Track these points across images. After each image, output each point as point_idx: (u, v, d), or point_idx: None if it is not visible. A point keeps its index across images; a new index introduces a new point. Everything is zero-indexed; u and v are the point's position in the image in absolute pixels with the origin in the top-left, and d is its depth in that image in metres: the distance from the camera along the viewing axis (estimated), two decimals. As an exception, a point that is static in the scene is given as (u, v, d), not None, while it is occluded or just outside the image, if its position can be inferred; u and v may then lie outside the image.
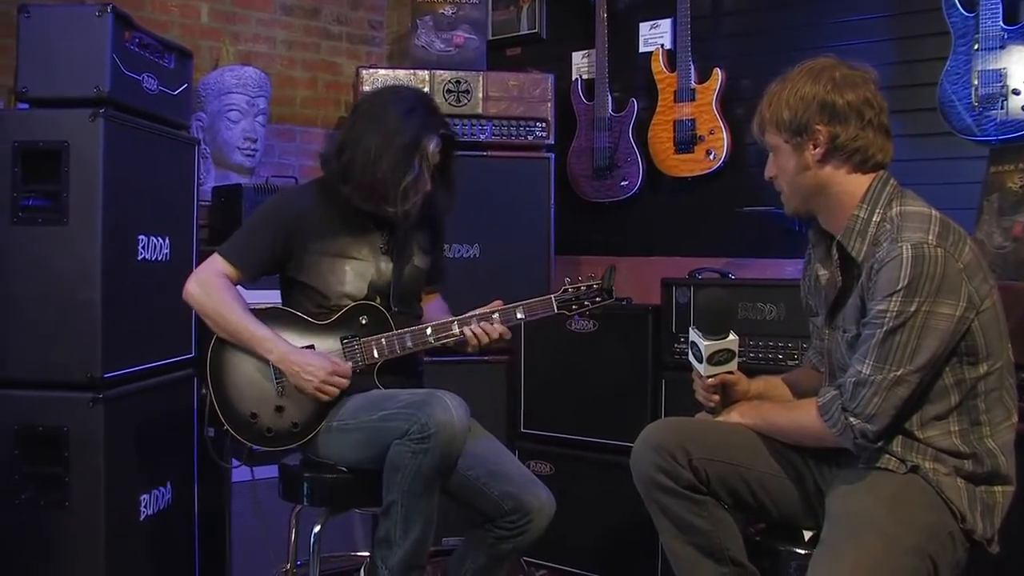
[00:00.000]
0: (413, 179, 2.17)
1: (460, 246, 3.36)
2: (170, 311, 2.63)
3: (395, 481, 2.02)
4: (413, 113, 2.17)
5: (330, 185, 2.23)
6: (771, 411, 1.91)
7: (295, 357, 2.16)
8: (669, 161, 3.51)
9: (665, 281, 2.95)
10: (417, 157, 2.17)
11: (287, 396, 2.20)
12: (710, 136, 3.40)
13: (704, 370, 1.91)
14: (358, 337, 2.22)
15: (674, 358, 2.91)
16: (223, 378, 2.20)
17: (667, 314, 2.93)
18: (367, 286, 2.25)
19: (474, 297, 2.36)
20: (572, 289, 2.23)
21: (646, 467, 1.86)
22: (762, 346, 2.73)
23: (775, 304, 2.73)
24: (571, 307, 2.23)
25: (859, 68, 1.82)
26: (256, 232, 2.25)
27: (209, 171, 3.48)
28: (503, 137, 3.44)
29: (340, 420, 2.18)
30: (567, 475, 3.09)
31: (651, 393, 2.95)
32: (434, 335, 2.22)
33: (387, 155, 2.13)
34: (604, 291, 2.24)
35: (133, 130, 2.48)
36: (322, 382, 2.14)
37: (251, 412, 2.19)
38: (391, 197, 2.17)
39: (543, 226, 3.44)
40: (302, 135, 3.99)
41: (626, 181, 3.61)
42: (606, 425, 3.04)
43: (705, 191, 3.49)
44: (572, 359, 3.13)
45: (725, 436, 1.90)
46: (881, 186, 1.80)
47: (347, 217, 2.23)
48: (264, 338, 2.16)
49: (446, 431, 1.97)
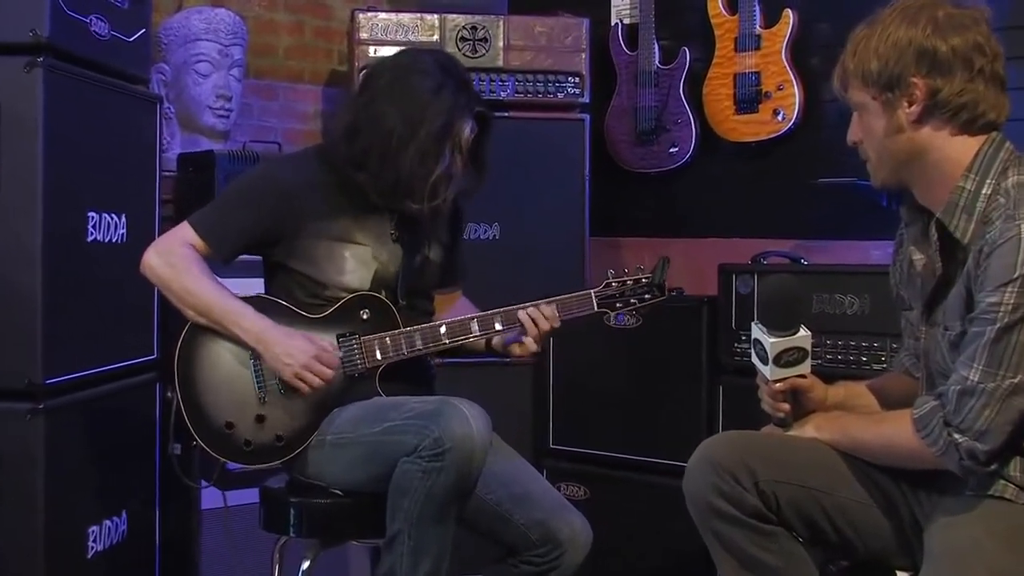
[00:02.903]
0: (444, 171, 2.17)
1: (476, 226, 3.34)
2: (127, 303, 2.60)
3: (402, 507, 2.00)
4: (442, 91, 2.15)
5: (331, 155, 2.23)
6: (855, 424, 1.89)
7: (274, 335, 2.15)
8: (728, 123, 3.50)
9: (723, 268, 2.94)
10: (449, 145, 2.17)
11: (271, 402, 2.19)
12: (778, 92, 3.39)
13: (771, 373, 1.89)
14: (357, 335, 2.21)
15: (733, 360, 2.91)
16: (193, 380, 2.19)
17: (725, 307, 2.93)
18: (371, 277, 2.24)
19: (492, 288, 2.32)
20: (616, 284, 2.22)
21: (703, 490, 1.84)
22: (841, 346, 2.70)
23: (858, 295, 2.70)
24: (614, 305, 2.22)
25: (967, 6, 1.77)
26: (238, 206, 2.24)
27: (174, 135, 3.46)
28: (528, 95, 3.42)
29: (336, 433, 2.17)
30: (605, 500, 3.08)
31: (706, 402, 2.95)
32: (449, 334, 2.22)
33: (413, 145, 2.13)
34: (655, 287, 2.22)
35: (79, 83, 2.44)
36: (303, 367, 2.13)
37: (226, 421, 2.18)
38: (417, 193, 2.17)
39: (576, 202, 3.43)
40: (286, 92, 3.95)
41: (676, 147, 3.60)
42: (652, 440, 3.03)
43: (772, 159, 3.47)
44: (611, 361, 3.12)
45: (798, 454, 1.88)
46: (993, 151, 1.76)
47: (352, 194, 2.23)
48: (240, 313, 2.16)
49: (464, 447, 1.96)
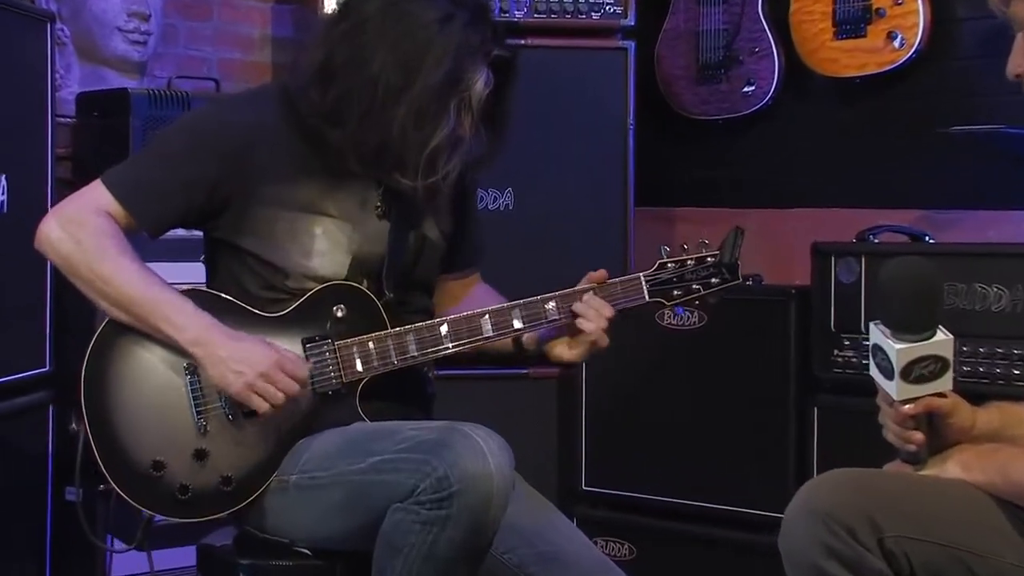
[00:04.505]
0: (447, 137, 2.18)
1: (484, 193, 3.37)
2: (7, 296, 2.61)
3: (393, 570, 2.01)
4: (450, 24, 2.15)
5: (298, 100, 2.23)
6: (1016, 461, 1.88)
7: (218, 336, 2.15)
8: (824, 51, 3.48)
9: (818, 247, 2.94)
10: (455, 102, 2.17)
11: (215, 432, 2.18)
12: (895, 9, 3.35)
13: (897, 391, 1.88)
14: (330, 339, 2.21)
15: (833, 372, 2.90)
16: (107, 402, 2.18)
17: (822, 300, 2.93)
18: (348, 261, 2.25)
19: (504, 275, 2.34)
20: (673, 265, 2.21)
21: (808, 549, 1.82)
22: (985, 354, 2.70)
23: (1006, 285, 2.71)
24: (671, 294, 2.21)
25: None
26: (172, 160, 2.23)
27: (70, 67, 3.46)
28: (553, 16, 3.43)
29: (303, 471, 2.16)
30: (657, 561, 3.09)
31: (795, 429, 2.95)
32: (453, 336, 2.22)
33: (406, 99, 2.13)
34: (725, 268, 2.21)
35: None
36: (259, 377, 2.12)
37: (153, 459, 2.16)
38: (409, 164, 2.18)
39: (616, 161, 3.44)
40: (223, 11, 3.95)
41: (752, 85, 3.60)
42: (721, 482, 3.03)
43: (885, 100, 3.46)
44: (663, 373, 3.11)
45: (938, 502, 1.87)
46: None
47: (325, 153, 2.23)
48: (174, 306, 2.15)
49: (478, 489, 1.96)
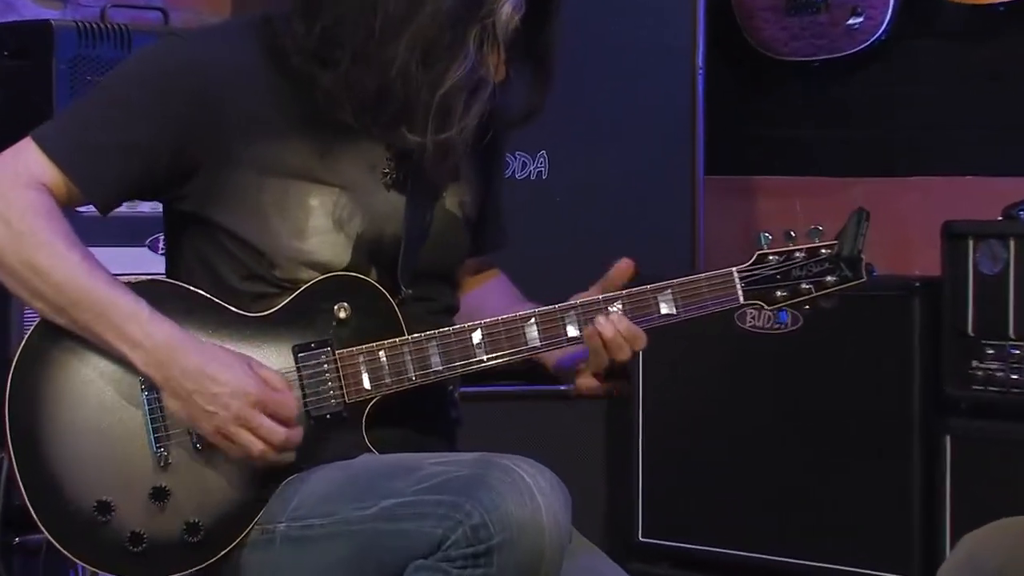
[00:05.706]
0: (464, 77, 2.22)
1: (512, 156, 3.54)
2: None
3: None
4: None
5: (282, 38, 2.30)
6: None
7: (182, 357, 2.19)
8: (959, -32, 3.63)
9: (952, 228, 3.11)
10: (474, 33, 2.21)
11: (178, 465, 2.24)
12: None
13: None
14: (329, 347, 2.27)
15: (972, 390, 3.06)
16: (38, 430, 2.24)
17: (957, 296, 3.10)
18: (352, 243, 2.31)
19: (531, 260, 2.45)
20: (776, 257, 2.25)
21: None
22: None
23: None
24: (773, 295, 2.26)
25: None
26: (122, 113, 2.29)
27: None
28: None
29: (294, 518, 2.20)
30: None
31: (921, 463, 3.12)
32: (489, 345, 2.29)
33: (410, 30, 2.19)
34: (845, 263, 2.24)
35: None
36: (234, 421, 2.17)
37: (97, 499, 2.22)
38: (417, 116, 2.23)
39: (680, 117, 3.64)
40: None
41: (860, 15, 3.79)
42: (820, 534, 3.21)
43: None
44: (744, 390, 3.32)
45: None
46: None
47: (320, 104, 2.30)
48: (125, 314, 2.20)
49: (526, 541, 2.00)
